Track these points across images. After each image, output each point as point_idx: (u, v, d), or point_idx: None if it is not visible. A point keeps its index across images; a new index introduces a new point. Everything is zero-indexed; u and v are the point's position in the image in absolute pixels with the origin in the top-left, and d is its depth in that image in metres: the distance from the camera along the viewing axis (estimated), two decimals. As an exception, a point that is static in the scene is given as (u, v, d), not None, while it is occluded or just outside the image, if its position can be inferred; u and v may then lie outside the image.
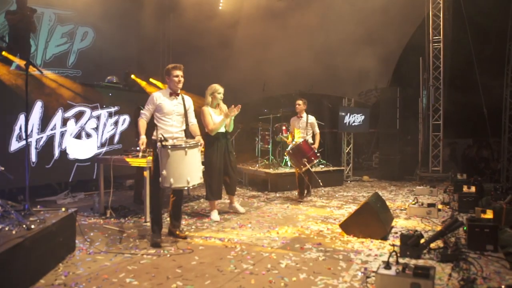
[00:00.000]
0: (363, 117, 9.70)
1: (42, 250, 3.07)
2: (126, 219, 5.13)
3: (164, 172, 3.73)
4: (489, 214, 4.17)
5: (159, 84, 8.98)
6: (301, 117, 6.90)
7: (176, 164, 3.73)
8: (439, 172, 9.44)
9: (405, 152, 10.31)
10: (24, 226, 3.06)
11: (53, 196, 6.38)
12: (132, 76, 8.57)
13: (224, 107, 5.39)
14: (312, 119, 6.92)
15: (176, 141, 3.98)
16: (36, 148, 6.22)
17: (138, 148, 5.41)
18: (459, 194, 5.95)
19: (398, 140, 9.78)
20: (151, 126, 4.26)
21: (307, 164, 6.27)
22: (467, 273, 3.36)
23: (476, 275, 3.33)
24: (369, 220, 4.47)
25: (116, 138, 7.76)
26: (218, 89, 5.31)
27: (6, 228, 3.03)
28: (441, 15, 9.14)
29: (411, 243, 3.81)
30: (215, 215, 5.25)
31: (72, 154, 6.89)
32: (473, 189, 5.99)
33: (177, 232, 4.32)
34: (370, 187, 8.56)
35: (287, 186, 7.79)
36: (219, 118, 5.25)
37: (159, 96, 4.20)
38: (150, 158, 4.90)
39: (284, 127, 8.47)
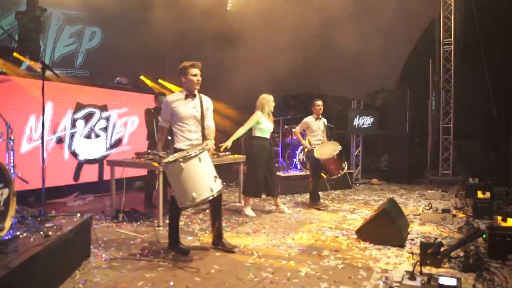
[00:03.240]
0: (372, 119, 9.61)
1: (60, 258, 3.00)
2: (139, 223, 5.06)
3: (173, 193, 3.51)
4: (510, 222, 4.09)
5: (167, 84, 8.92)
6: (320, 119, 6.54)
7: (176, 180, 3.35)
8: (449, 176, 9.36)
9: (413, 155, 10.23)
10: (41, 233, 2.99)
11: (63, 198, 6.32)
12: (141, 77, 8.51)
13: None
14: (325, 121, 6.76)
15: (182, 152, 3.62)
16: (46, 150, 6.15)
17: (149, 151, 5.39)
18: (474, 200, 5.88)
19: (408, 143, 9.70)
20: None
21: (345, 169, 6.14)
22: (492, 284, 3.30)
23: (501, 286, 3.26)
24: (386, 227, 4.39)
25: (125, 140, 7.70)
26: (271, 98, 5.69)
27: (24, 235, 2.97)
28: (452, 17, 9.05)
29: (431, 252, 3.75)
30: (249, 211, 5.70)
31: (81, 155, 6.84)
32: (488, 194, 5.90)
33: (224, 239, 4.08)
34: (380, 191, 8.49)
35: (296, 189, 7.72)
36: (268, 124, 5.68)
37: (172, 100, 3.84)
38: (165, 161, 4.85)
39: (293, 129, 8.38)
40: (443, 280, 2.94)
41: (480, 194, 5.98)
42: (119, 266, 3.48)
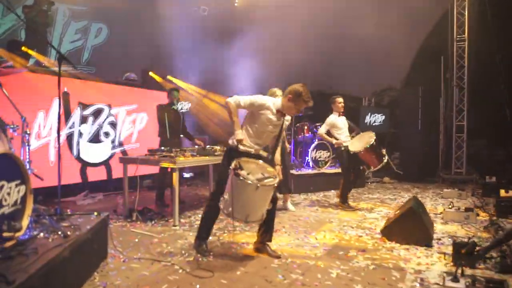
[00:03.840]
0: (383, 117, 9.43)
1: (80, 259, 2.82)
2: (153, 222, 4.87)
3: (226, 196, 3.26)
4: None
5: (176, 81, 8.73)
6: (343, 115, 6.21)
7: (240, 194, 3.19)
8: (462, 174, 9.17)
9: (424, 153, 10.04)
10: (59, 233, 2.81)
11: (71, 197, 6.13)
12: (150, 73, 8.32)
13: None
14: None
15: (252, 170, 3.36)
16: (54, 147, 5.98)
17: (162, 148, 5.20)
18: (497, 198, 5.70)
19: (420, 141, 9.51)
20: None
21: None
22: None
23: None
24: (413, 226, 4.22)
25: (134, 137, 7.51)
26: (275, 91, 5.40)
27: (41, 235, 2.78)
28: (466, 13, 8.85)
29: (466, 252, 3.56)
30: (290, 206, 5.91)
31: (90, 153, 6.65)
32: (511, 193, 5.72)
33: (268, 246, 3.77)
34: (393, 189, 8.31)
35: (310, 188, 7.54)
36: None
37: (266, 103, 3.51)
38: (182, 158, 4.67)
39: (306, 127, 8.22)
40: (489, 283, 2.78)
41: (503, 193, 5.80)
42: (139, 267, 3.29)
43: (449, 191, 7.29)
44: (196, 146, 5.68)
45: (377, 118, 9.39)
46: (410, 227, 4.22)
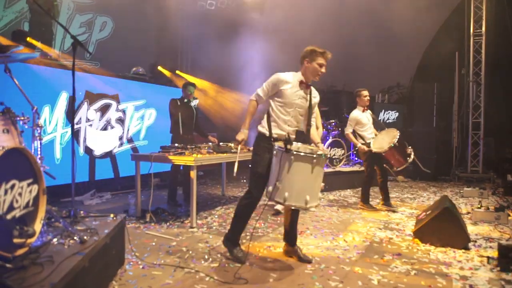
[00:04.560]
0: (397, 114, 9.15)
1: (98, 267, 2.52)
2: (168, 223, 4.57)
3: (278, 183, 2.87)
4: None
5: (185, 76, 8.42)
6: (367, 110, 5.79)
7: (300, 176, 2.86)
8: (478, 173, 8.89)
9: (439, 151, 9.76)
10: (75, 238, 2.50)
11: (78, 196, 5.82)
12: (159, 68, 8.00)
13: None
14: (371, 112, 5.98)
15: (300, 146, 3.05)
16: (61, 144, 5.66)
17: (176, 145, 4.91)
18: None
19: (435, 139, 9.22)
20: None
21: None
22: None
23: None
24: (449, 227, 3.94)
25: (143, 134, 7.20)
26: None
27: (54, 240, 2.48)
28: (484, 7, 8.56)
29: (514, 256, 3.28)
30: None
31: (97, 150, 6.34)
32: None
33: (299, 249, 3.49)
34: (409, 188, 8.03)
35: (325, 187, 7.24)
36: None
37: (285, 79, 3.24)
38: (198, 155, 4.38)
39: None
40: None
41: (532, 191, 5.52)
42: (161, 275, 2.99)
43: (469, 190, 7.00)
44: (210, 143, 5.39)
45: (391, 115, 9.10)
46: (446, 229, 3.94)
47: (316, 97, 3.45)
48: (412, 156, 5.43)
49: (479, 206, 5.27)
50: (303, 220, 4.89)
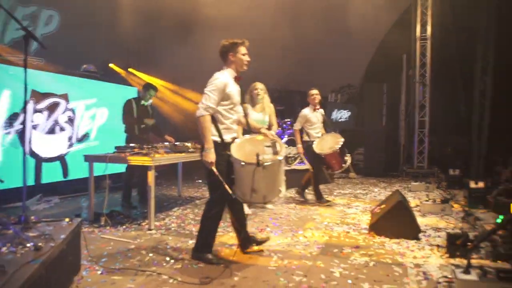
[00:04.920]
0: (349, 113, 9.48)
1: (56, 275, 2.37)
2: (125, 226, 4.40)
3: (254, 193, 2.98)
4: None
5: (138, 73, 8.15)
6: (317, 109, 5.90)
7: (271, 178, 3.07)
8: (424, 168, 9.45)
9: (388, 149, 10.25)
10: (28, 245, 2.34)
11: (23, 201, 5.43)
12: (111, 65, 7.68)
13: (268, 107, 5.18)
14: (322, 111, 6.11)
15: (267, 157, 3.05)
16: (3, 146, 5.27)
17: (132, 145, 4.76)
18: (469, 190, 5.82)
19: (384, 137, 9.67)
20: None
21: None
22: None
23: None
24: (402, 220, 4.16)
25: (94, 134, 6.88)
26: (254, 85, 5.11)
27: (4, 249, 2.30)
28: (429, 13, 9.07)
29: (461, 243, 3.53)
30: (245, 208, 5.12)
31: (43, 152, 5.97)
32: (481, 184, 5.86)
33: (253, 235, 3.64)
34: (361, 184, 8.35)
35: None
36: (257, 115, 5.06)
37: (227, 80, 3.16)
38: (156, 155, 4.26)
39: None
40: (500, 272, 2.71)
41: (472, 184, 5.93)
42: (122, 280, 2.88)
43: (417, 184, 7.42)
44: (166, 143, 5.27)
45: (343, 115, 9.41)
46: (399, 221, 4.15)
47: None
48: (347, 163, 5.67)
49: (427, 199, 5.61)
50: (262, 218, 4.92)
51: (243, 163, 2.93)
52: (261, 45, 9.18)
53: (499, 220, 3.79)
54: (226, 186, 3.05)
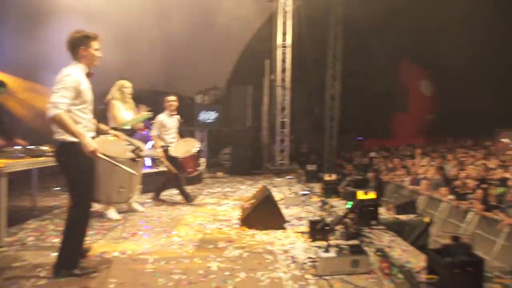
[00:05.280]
0: (216, 114, 9.75)
1: None
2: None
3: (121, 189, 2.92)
4: (371, 195, 4.70)
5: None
6: (173, 115, 5.98)
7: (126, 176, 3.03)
8: (285, 165, 10.31)
9: (253, 148, 10.88)
10: None
11: None
12: None
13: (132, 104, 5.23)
14: (179, 118, 6.21)
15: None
16: None
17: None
18: (324, 182, 6.58)
19: (249, 137, 10.24)
20: None
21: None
22: (372, 244, 3.76)
23: (377, 244, 3.75)
24: (270, 212, 4.52)
25: None
26: (124, 83, 5.18)
27: None
28: (289, 23, 9.92)
29: (320, 228, 4.00)
30: (113, 214, 4.83)
31: None
32: (333, 177, 6.69)
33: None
34: (229, 183, 8.65)
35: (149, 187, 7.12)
36: (128, 114, 5.11)
37: (80, 78, 2.93)
38: (9, 160, 3.69)
39: (142, 124, 7.72)
40: (352, 247, 3.19)
41: (326, 177, 6.73)
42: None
43: (280, 180, 8.07)
44: (18, 147, 4.59)
45: (211, 116, 9.63)
46: (267, 214, 4.50)
47: None
48: (201, 168, 6.02)
49: (290, 193, 6.15)
50: (133, 223, 4.70)
51: (121, 159, 2.77)
52: (128, 41, 8.79)
53: (348, 206, 4.45)
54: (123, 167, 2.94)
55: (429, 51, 13.42)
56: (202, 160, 6.00)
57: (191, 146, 5.78)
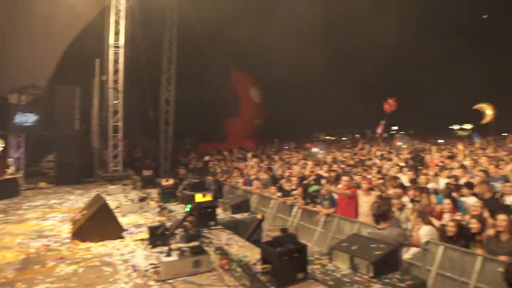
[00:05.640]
0: (37, 116, 8.59)
1: None
2: None
3: None
4: (208, 197, 4.90)
5: None
6: None
7: None
8: (119, 171, 9.76)
9: (82, 154, 9.97)
10: None
11: None
12: None
13: None
14: None
15: None
16: None
17: None
18: (161, 187, 6.54)
19: (78, 142, 9.35)
20: None
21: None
22: (212, 244, 3.97)
23: (220, 244, 4.00)
24: (106, 222, 4.31)
25: None
26: None
27: None
28: (122, 23, 9.40)
29: (160, 233, 4.01)
30: None
31: None
32: (171, 181, 6.71)
33: None
34: (55, 194, 7.75)
35: None
36: None
37: None
38: None
39: None
40: (192, 249, 3.32)
41: (164, 182, 6.70)
42: None
43: (114, 188, 7.64)
44: None
45: (30, 118, 8.42)
46: (104, 224, 4.26)
47: None
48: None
49: (126, 200, 5.90)
50: None
51: None
52: None
53: (187, 209, 4.57)
54: None
55: (258, 60, 14.91)
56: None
57: None
